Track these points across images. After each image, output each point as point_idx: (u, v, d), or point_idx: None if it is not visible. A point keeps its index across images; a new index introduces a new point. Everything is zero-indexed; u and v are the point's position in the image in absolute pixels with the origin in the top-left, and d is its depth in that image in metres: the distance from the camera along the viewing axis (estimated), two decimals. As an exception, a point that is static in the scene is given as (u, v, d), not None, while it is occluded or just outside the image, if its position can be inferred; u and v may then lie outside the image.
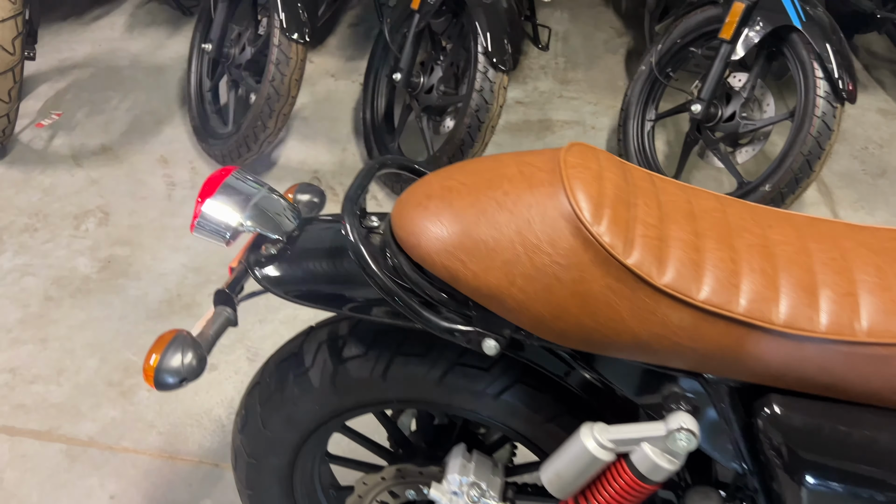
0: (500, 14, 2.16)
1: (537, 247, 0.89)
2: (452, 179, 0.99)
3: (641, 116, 2.55)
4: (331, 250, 1.09)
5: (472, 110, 2.16)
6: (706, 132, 2.34)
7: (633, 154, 2.55)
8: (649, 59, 2.51)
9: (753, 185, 2.19)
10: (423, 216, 0.96)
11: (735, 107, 2.27)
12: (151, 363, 0.94)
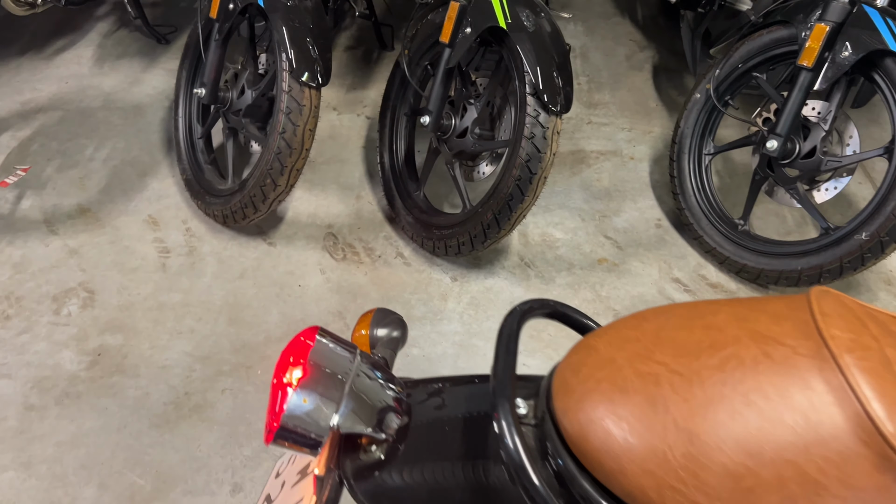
0: (548, 44, 1.85)
1: (820, 485, 0.59)
2: (652, 360, 0.69)
3: (698, 150, 2.27)
4: (460, 448, 0.78)
5: (521, 161, 1.85)
6: (780, 170, 2.06)
7: (690, 192, 2.27)
8: (705, 87, 2.23)
9: (845, 231, 1.91)
10: (615, 420, 0.66)
11: (815, 141, 1.99)
12: None
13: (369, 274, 2.16)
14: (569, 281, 2.16)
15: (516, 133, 1.88)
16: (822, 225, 2.00)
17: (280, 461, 0.97)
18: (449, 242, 2.07)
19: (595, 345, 0.73)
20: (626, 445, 0.65)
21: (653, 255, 2.26)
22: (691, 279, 2.19)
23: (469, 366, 1.91)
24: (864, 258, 1.89)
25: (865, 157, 1.94)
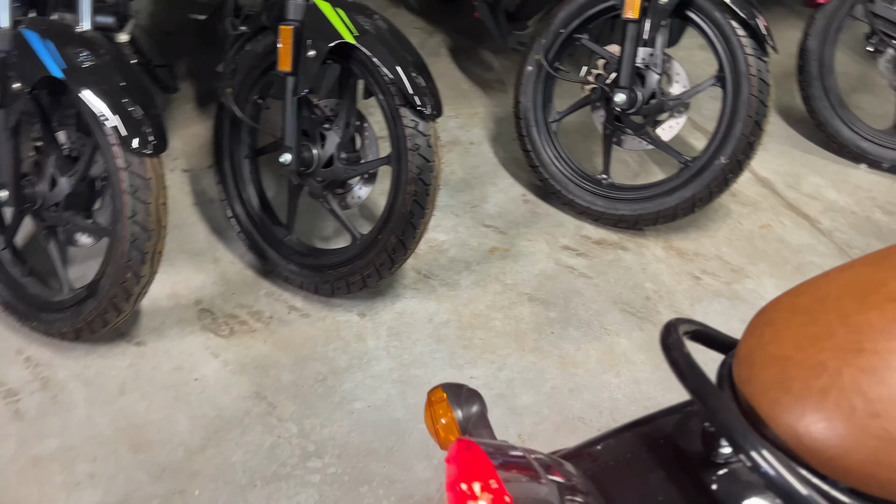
0: (399, 48, 1.75)
1: None
2: (862, 345, 0.66)
3: (545, 120, 2.32)
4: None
5: (412, 175, 1.74)
6: (628, 119, 2.17)
7: (548, 162, 2.31)
8: (534, 58, 2.27)
9: (705, 160, 2.07)
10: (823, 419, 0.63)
11: (653, 86, 2.12)
12: None
13: (269, 340, 1.93)
14: (473, 280, 2.11)
15: (398, 148, 1.76)
16: (681, 160, 2.15)
17: None
18: (350, 279, 1.91)
19: (778, 353, 0.68)
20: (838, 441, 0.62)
21: (535, 231, 2.29)
22: (578, 242, 2.25)
23: (418, 401, 1.78)
24: (728, 180, 2.06)
25: (701, 90, 2.11)
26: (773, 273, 2.16)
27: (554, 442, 1.69)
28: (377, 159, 1.88)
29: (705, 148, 2.09)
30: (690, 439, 0.72)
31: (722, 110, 2.05)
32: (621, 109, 2.12)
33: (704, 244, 2.26)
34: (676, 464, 0.70)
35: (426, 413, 0.89)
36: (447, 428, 0.85)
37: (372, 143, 1.93)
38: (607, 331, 1.98)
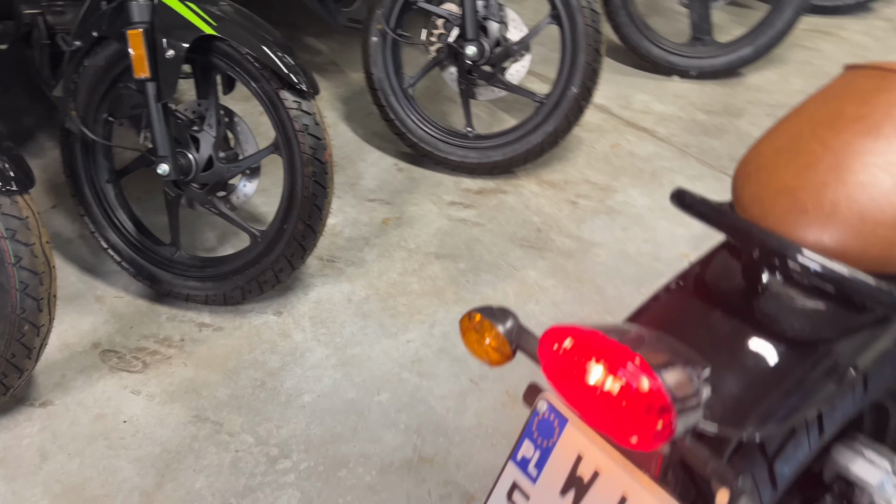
0: (259, 30, 1.70)
1: None
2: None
3: (400, 87, 2.36)
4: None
5: (308, 156, 1.72)
6: (479, 70, 2.28)
7: (413, 126, 2.37)
8: (377, 28, 2.30)
9: (558, 94, 2.23)
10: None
11: (495, 34, 2.24)
12: None
13: (189, 362, 1.82)
14: (377, 253, 2.12)
15: (284, 133, 1.72)
16: (535, 98, 2.29)
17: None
18: (262, 278, 1.84)
19: (782, 186, 0.80)
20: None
21: (418, 195, 2.34)
22: (461, 196, 2.34)
23: (365, 377, 1.78)
24: (581, 107, 2.23)
25: (540, 30, 2.26)
26: (635, 183, 2.39)
27: (505, 377, 1.77)
28: (260, 151, 1.83)
29: (555, 82, 2.25)
30: (733, 277, 0.81)
31: (563, 45, 2.21)
32: (473, 62, 2.22)
33: (570, 173, 2.44)
34: (728, 299, 0.79)
35: (468, 338, 0.91)
36: (496, 344, 0.89)
37: (247, 136, 1.87)
38: (514, 267, 2.09)
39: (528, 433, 0.84)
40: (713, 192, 2.33)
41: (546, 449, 0.82)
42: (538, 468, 0.82)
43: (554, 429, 0.82)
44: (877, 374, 0.87)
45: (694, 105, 2.78)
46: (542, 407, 0.83)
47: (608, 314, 1.94)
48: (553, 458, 0.81)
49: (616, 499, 0.74)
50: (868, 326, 0.75)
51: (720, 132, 2.63)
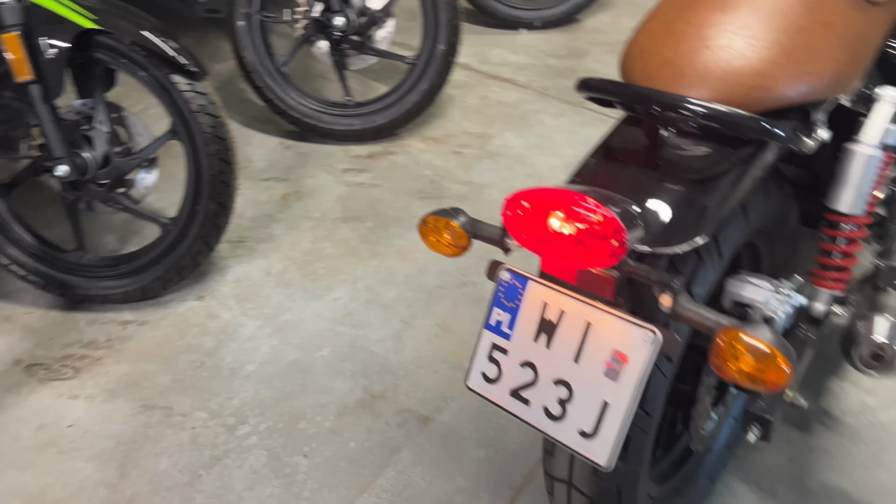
0: (139, 13, 1.71)
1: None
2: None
3: (275, 67, 2.42)
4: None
5: (208, 135, 1.76)
6: (349, 40, 2.38)
7: (295, 103, 2.44)
8: (242, 12, 2.34)
9: (427, 53, 2.38)
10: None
11: (360, 3, 2.35)
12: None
13: (122, 359, 1.82)
14: (285, 227, 2.19)
15: (181, 116, 1.76)
16: (407, 60, 2.43)
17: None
18: (180, 264, 1.87)
19: (664, 60, 0.99)
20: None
21: (311, 168, 2.41)
22: (353, 162, 2.44)
23: (302, 338, 1.86)
24: (450, 62, 2.40)
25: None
26: (508, 128, 2.59)
27: (430, 312, 1.91)
28: (158, 139, 1.85)
29: (422, 43, 2.39)
30: (637, 139, 0.99)
31: (424, 7, 2.36)
32: (341, 33, 2.32)
33: (449, 127, 2.60)
34: (636, 157, 0.97)
35: (428, 241, 1.04)
36: (454, 237, 1.02)
37: (139, 127, 1.87)
38: (418, 217, 2.22)
39: (496, 302, 0.99)
40: (576, 125, 2.59)
41: (514, 309, 0.97)
42: (510, 327, 0.97)
43: (518, 291, 0.97)
44: (753, 205, 1.09)
45: (544, 53, 3.02)
46: (505, 276, 0.98)
47: (511, 242, 2.13)
48: (521, 314, 0.96)
49: (582, 327, 0.91)
50: (746, 159, 0.96)
51: (571, 73, 2.89)
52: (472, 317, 1.90)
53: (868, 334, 1.28)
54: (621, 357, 0.88)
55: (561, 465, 1.08)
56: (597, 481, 1.05)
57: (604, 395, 0.89)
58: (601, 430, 0.89)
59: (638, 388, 0.86)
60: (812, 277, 1.28)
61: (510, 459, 1.57)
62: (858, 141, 1.11)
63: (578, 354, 0.91)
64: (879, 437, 1.62)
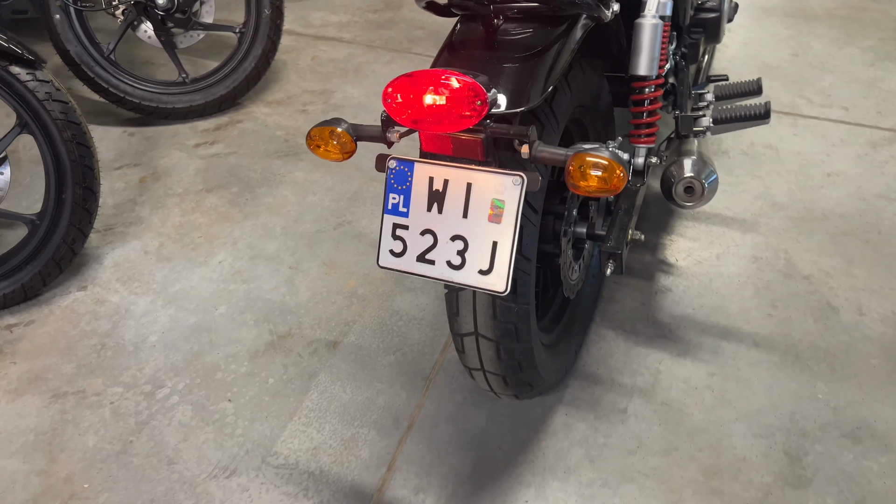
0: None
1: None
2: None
3: (101, 55, 2.40)
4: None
5: (60, 122, 1.76)
6: (174, 18, 2.41)
7: (131, 89, 2.43)
8: (59, 5, 2.30)
9: (254, 20, 2.46)
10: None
11: (177, -19, 2.38)
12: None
13: (17, 359, 1.80)
14: (150, 208, 2.21)
15: (29, 107, 1.75)
16: (235, 30, 2.50)
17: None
18: (58, 255, 1.87)
19: None
20: None
21: (162, 149, 2.43)
22: (203, 136, 2.48)
23: (198, 302, 1.93)
24: (279, 25, 2.50)
25: (216, -32, 2.44)
26: (345, 81, 2.74)
27: (314, 255, 2.05)
28: (5, 137, 1.82)
29: (247, 13, 2.47)
30: (475, 31, 1.19)
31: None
32: (166, 11, 2.35)
33: (289, 89, 2.70)
34: (478, 44, 1.17)
35: (318, 153, 1.19)
36: (340, 142, 1.18)
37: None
38: (281, 175, 2.33)
39: (389, 188, 1.16)
40: (408, 68, 2.78)
41: (405, 190, 1.15)
42: (406, 206, 1.15)
43: (406, 174, 1.15)
44: (574, 79, 1.33)
45: (361, 9, 3.18)
46: (393, 164, 1.16)
47: (373, 181, 2.29)
48: (413, 192, 1.14)
49: (464, 188, 1.10)
50: (564, 33, 1.19)
51: (392, 24, 3.07)
52: (355, 250, 2.06)
53: (679, 174, 1.59)
54: (499, 203, 1.08)
55: (466, 321, 1.28)
56: (498, 324, 1.27)
57: (492, 236, 1.09)
58: (496, 264, 1.09)
59: (516, 223, 1.08)
60: (630, 138, 1.56)
61: (417, 357, 1.77)
62: (644, 15, 1.39)
63: (466, 211, 1.11)
64: (706, 271, 1.98)
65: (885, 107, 2.57)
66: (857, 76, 2.71)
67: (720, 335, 1.83)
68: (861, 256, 2.03)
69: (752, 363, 1.76)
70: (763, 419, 1.65)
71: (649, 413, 1.66)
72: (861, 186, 2.24)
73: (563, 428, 1.62)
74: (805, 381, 1.72)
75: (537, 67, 1.13)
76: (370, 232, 2.11)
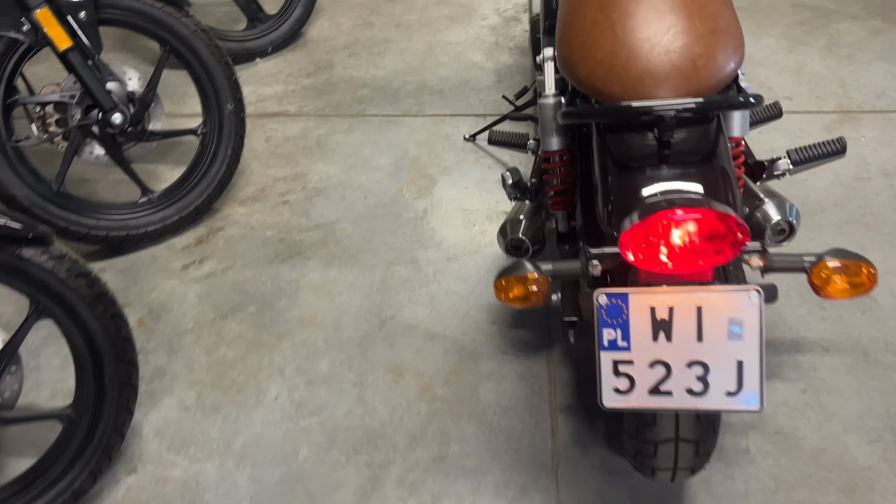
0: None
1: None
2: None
3: (52, 192, 2.08)
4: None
5: (89, 297, 1.49)
6: (129, 134, 2.13)
7: (93, 223, 2.13)
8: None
9: (215, 117, 2.23)
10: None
11: (122, 92, 2.10)
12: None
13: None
14: (166, 355, 1.96)
15: (48, 292, 1.47)
16: (196, 133, 2.25)
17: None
18: (108, 444, 1.60)
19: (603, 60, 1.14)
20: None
21: (146, 281, 2.16)
22: (186, 255, 2.23)
23: (270, 453, 1.74)
24: (243, 119, 2.29)
25: (162, 69, 2.18)
26: (314, 159, 2.55)
27: (373, 363, 1.90)
28: (19, 330, 1.53)
29: (206, 109, 2.24)
30: (640, 143, 1.14)
31: (195, 74, 2.20)
32: (122, 128, 2.07)
33: (257, 181, 2.48)
34: (655, 158, 1.12)
35: (513, 304, 1.09)
36: (536, 285, 1.09)
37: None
38: (294, 281, 2.14)
39: (602, 323, 1.09)
40: (371, 133, 2.64)
41: (622, 324, 1.08)
42: (626, 339, 1.09)
43: (620, 307, 1.08)
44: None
45: (293, 76, 2.98)
46: (603, 300, 1.08)
47: (393, 264, 2.16)
48: (632, 324, 1.08)
49: (694, 311, 1.06)
50: (717, 128, 1.16)
51: (332, 86, 2.91)
52: (412, 347, 1.94)
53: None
54: (738, 321, 1.05)
55: (666, 429, 1.24)
56: (701, 426, 1.24)
57: (735, 356, 1.06)
58: (745, 384, 1.06)
59: (761, 338, 1.05)
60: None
61: (531, 452, 1.70)
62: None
63: (700, 334, 1.06)
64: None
65: (820, 91, 2.78)
66: (785, 65, 2.90)
67: (793, 349, 1.91)
68: (869, 241, 2.18)
69: (832, 370, 1.85)
70: (867, 423, 1.74)
71: (769, 446, 1.70)
72: (837, 172, 2.41)
73: (703, 486, 1.62)
74: (883, 376, 1.83)
75: (724, 169, 1.11)
76: (418, 322, 2.00)
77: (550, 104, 1.44)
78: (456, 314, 2.02)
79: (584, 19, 1.20)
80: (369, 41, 3.14)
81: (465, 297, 2.07)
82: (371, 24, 3.25)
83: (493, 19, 3.26)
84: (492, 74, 2.92)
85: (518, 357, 1.91)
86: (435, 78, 2.92)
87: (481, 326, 1.99)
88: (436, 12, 3.33)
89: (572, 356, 1.91)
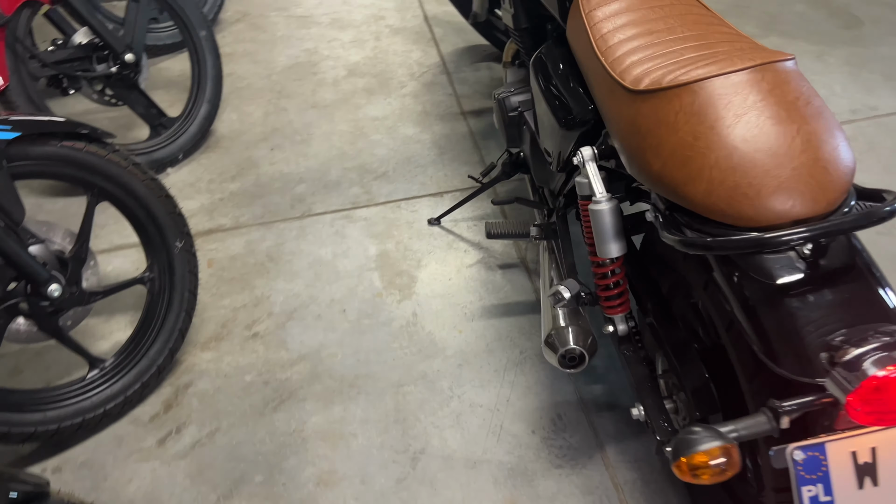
0: None
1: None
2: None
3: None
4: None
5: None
6: (68, 301, 1.77)
7: (37, 418, 1.76)
8: None
9: (164, 261, 1.90)
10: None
11: (51, 255, 1.74)
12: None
13: None
14: None
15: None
16: (144, 280, 1.92)
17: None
18: None
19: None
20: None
21: (116, 472, 1.80)
22: (160, 424, 1.89)
23: None
24: (194, 254, 1.98)
25: (91, 220, 1.84)
26: (270, 277, 2.27)
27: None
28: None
29: (153, 254, 1.91)
30: (794, 269, 1.01)
31: (135, 217, 1.87)
32: (61, 300, 1.72)
33: (215, 317, 2.16)
34: (818, 284, 1.00)
35: (702, 480, 0.93)
36: (725, 458, 0.93)
37: None
38: (293, 429, 1.86)
39: (800, 482, 0.95)
40: (326, 235, 2.39)
41: (822, 477, 0.95)
42: (828, 493, 0.95)
43: (818, 459, 0.95)
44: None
45: (215, 181, 2.67)
46: (798, 455, 0.94)
47: (402, 385, 1.94)
48: (833, 475, 0.95)
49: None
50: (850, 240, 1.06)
51: (263, 187, 2.63)
52: (457, 483, 1.73)
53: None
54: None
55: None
56: None
57: (950, 489, 0.95)
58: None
59: (973, 462, 0.95)
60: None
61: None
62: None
63: (908, 472, 0.95)
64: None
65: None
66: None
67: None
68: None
69: None
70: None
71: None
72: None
73: None
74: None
75: (881, 284, 1.01)
76: (452, 451, 1.79)
77: (607, 209, 1.31)
78: (490, 432, 1.83)
79: (675, 132, 1.07)
80: (288, 129, 2.89)
81: (493, 408, 1.88)
82: (284, 109, 2.99)
83: (412, 86, 3.09)
84: (432, 147, 2.76)
85: (574, 468, 1.74)
86: (374, 160, 2.72)
87: (522, 439, 1.81)
88: (348, 86, 3.13)
89: (629, 453, 1.76)
